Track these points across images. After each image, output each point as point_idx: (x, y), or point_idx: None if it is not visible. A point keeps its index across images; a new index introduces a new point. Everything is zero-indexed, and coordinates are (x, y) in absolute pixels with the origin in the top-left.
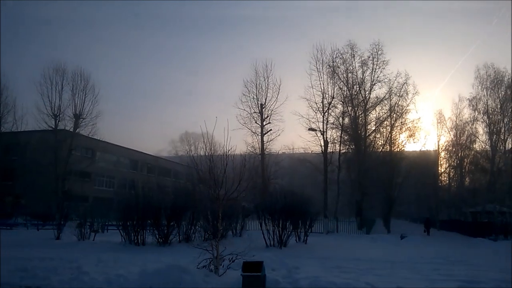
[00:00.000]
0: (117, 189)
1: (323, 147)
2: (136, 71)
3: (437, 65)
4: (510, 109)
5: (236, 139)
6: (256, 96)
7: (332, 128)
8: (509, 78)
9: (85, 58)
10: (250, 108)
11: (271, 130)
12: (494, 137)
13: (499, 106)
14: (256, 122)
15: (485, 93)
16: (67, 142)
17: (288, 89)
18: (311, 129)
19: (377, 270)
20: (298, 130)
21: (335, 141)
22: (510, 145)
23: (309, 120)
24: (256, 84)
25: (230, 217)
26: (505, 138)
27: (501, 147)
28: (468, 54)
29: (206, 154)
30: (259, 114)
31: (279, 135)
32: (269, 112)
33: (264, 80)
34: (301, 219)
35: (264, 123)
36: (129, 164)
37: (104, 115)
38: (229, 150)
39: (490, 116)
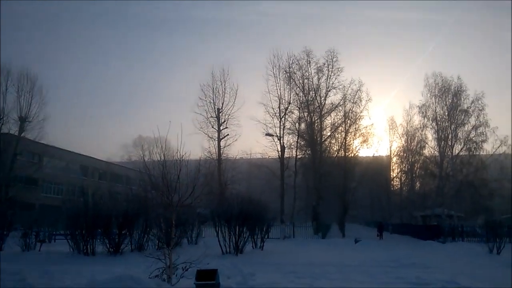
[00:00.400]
0: (66, 197)
1: (280, 152)
2: (87, 73)
3: (390, 73)
4: (456, 116)
5: (192, 144)
6: (213, 100)
7: (289, 134)
8: (455, 87)
9: (32, 59)
10: (206, 113)
11: (228, 135)
12: (442, 143)
13: (446, 113)
14: (213, 127)
15: (434, 101)
16: (12, 146)
17: (246, 94)
18: (268, 134)
19: (332, 274)
20: (256, 135)
21: (292, 146)
22: (457, 151)
23: (266, 125)
24: (213, 88)
25: (185, 224)
26: (452, 144)
27: (449, 153)
28: (419, 63)
29: (160, 159)
30: (216, 119)
31: (236, 140)
32: (226, 116)
33: (221, 84)
34: (258, 225)
35: (221, 127)
36: (79, 170)
37: (52, 119)
38: (183, 155)
39: (439, 122)
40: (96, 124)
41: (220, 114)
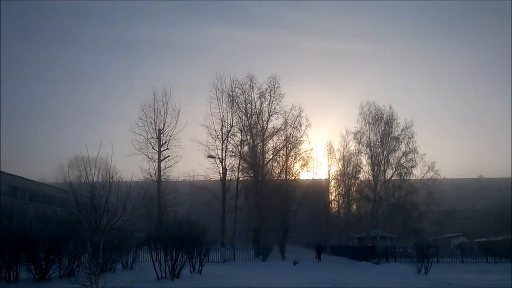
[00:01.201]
0: None
1: (222, 174)
2: (19, 88)
3: (329, 101)
4: (388, 143)
5: (131, 165)
6: (154, 121)
7: (231, 156)
8: (387, 115)
9: None
10: (147, 133)
11: (169, 156)
12: (376, 168)
13: (379, 140)
14: (153, 148)
15: (368, 128)
16: None
17: (188, 116)
18: (210, 156)
19: None
20: (198, 157)
21: (234, 168)
22: (389, 176)
23: (208, 147)
24: (154, 109)
25: (119, 249)
26: (385, 169)
27: (382, 177)
28: (356, 92)
29: (96, 180)
30: (156, 140)
31: (177, 161)
32: (168, 137)
33: (163, 105)
34: (196, 248)
35: (162, 149)
36: (7, 191)
37: None
38: (112, 177)
39: (372, 148)
40: (29, 143)
41: (162, 135)
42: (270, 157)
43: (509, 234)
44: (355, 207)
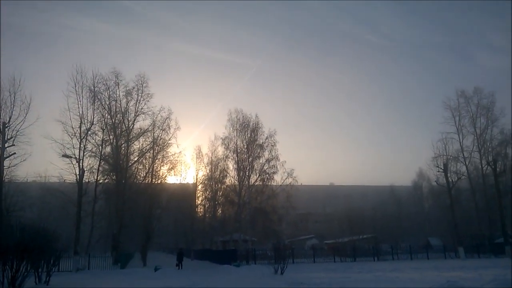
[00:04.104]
0: None
1: (78, 176)
2: None
3: (201, 106)
4: (253, 150)
5: None
6: None
7: (91, 156)
8: (254, 123)
9: None
10: None
11: (15, 153)
12: (241, 173)
13: (245, 146)
14: None
15: (235, 134)
16: None
17: (42, 110)
18: (65, 155)
19: None
20: (51, 157)
21: (93, 170)
22: (253, 181)
23: (64, 146)
24: None
25: None
26: (249, 174)
27: (246, 182)
28: (226, 100)
29: None
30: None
31: (25, 159)
32: (14, 132)
33: (10, 95)
34: (43, 256)
35: (7, 145)
36: None
37: None
38: None
39: (239, 154)
40: None
41: (6, 129)
42: (135, 159)
43: (353, 235)
44: (220, 211)
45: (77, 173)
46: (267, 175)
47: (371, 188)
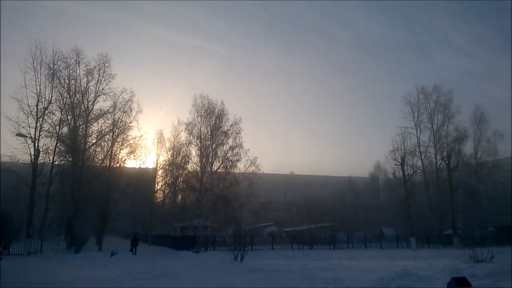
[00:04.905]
0: None
1: (33, 156)
2: None
3: (165, 90)
4: (218, 136)
5: None
6: None
7: (47, 136)
8: (219, 110)
9: None
10: None
11: None
12: (204, 160)
13: (209, 132)
14: None
15: (200, 120)
16: None
17: None
18: (20, 134)
19: None
20: (5, 135)
21: (49, 151)
22: (215, 168)
23: (18, 124)
24: None
25: None
26: (212, 161)
27: (209, 169)
28: (192, 85)
29: None
30: None
31: None
32: None
33: None
34: None
35: None
36: None
37: None
38: None
39: (202, 140)
40: None
41: None
42: (94, 141)
43: (311, 224)
44: (180, 197)
45: (32, 153)
46: (230, 163)
47: (331, 178)
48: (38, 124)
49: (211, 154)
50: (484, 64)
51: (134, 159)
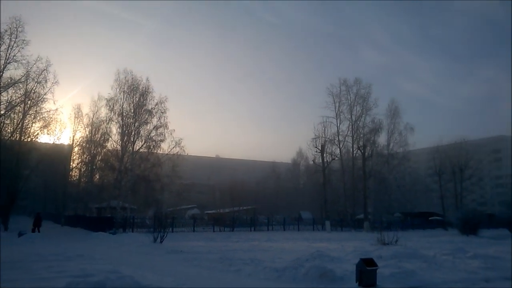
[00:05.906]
0: None
1: None
2: None
3: (85, 62)
4: (141, 115)
5: None
6: None
7: None
8: (144, 87)
9: None
10: None
11: None
12: (125, 138)
13: (132, 110)
14: None
15: (122, 97)
16: None
17: None
18: None
19: None
20: None
21: None
22: (137, 147)
23: None
24: None
25: None
26: (134, 140)
27: (130, 148)
28: (114, 59)
29: None
30: None
31: None
32: None
33: None
34: None
35: None
36: None
37: None
38: None
39: (124, 118)
40: None
41: None
42: (2, 112)
43: (234, 207)
44: (98, 177)
45: None
46: (154, 143)
47: (255, 163)
48: None
49: (133, 133)
50: (401, 61)
51: (48, 134)
